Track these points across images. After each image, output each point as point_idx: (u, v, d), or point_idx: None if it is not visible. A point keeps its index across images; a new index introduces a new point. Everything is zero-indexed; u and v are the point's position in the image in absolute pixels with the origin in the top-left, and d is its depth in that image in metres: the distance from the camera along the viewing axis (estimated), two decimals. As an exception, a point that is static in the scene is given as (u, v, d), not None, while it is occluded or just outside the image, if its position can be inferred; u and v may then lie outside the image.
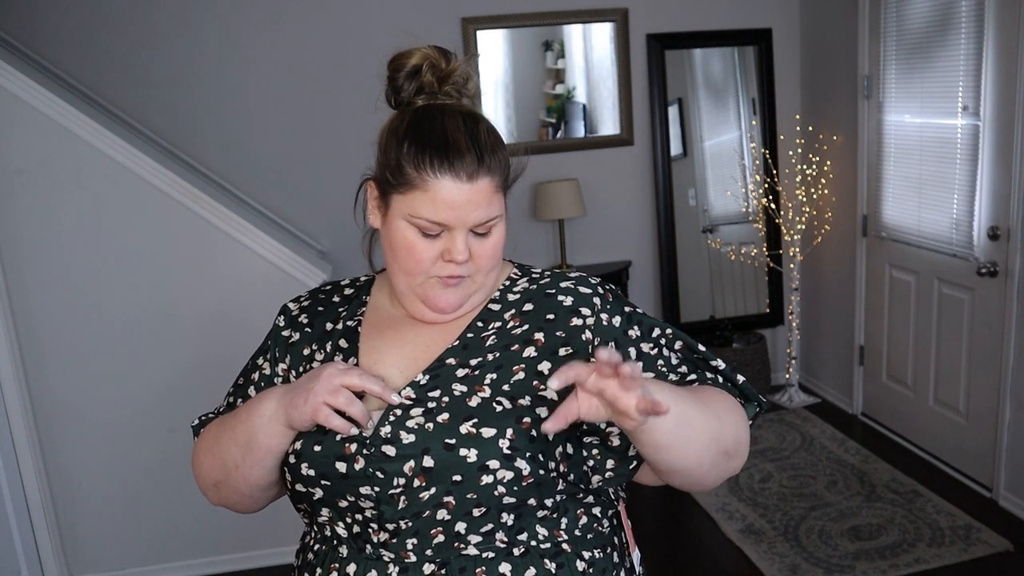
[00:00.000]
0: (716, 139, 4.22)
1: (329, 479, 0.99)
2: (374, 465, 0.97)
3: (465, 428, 0.96)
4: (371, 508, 0.98)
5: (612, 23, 3.99)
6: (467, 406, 0.98)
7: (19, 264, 2.71)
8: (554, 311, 1.05)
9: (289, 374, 1.11)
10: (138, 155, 2.72)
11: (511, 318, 1.06)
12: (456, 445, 0.95)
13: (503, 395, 0.99)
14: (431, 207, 0.99)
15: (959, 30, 3.13)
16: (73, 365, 2.81)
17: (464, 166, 0.99)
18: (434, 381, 1.01)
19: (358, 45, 3.76)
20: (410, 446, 0.96)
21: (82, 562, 2.94)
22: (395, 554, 0.98)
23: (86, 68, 3.51)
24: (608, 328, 1.03)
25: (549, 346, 1.02)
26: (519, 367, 1.01)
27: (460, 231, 1.01)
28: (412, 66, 1.05)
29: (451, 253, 1.01)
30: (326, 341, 1.10)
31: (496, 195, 1.03)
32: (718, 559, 2.94)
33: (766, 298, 4.38)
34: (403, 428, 0.97)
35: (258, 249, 2.83)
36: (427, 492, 0.95)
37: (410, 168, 1.00)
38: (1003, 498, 3.11)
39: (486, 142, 1.02)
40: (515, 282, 1.12)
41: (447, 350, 1.04)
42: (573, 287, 1.07)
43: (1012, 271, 2.97)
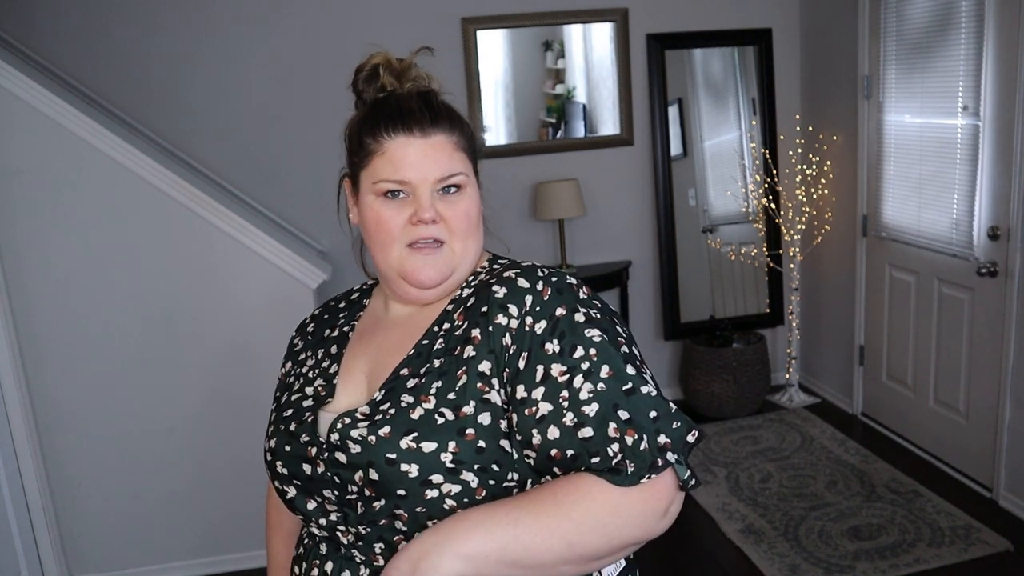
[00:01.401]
0: (716, 139, 4.22)
1: (299, 479, 1.01)
2: (331, 470, 0.98)
3: (405, 443, 0.93)
4: (336, 511, 0.99)
5: (612, 23, 3.99)
6: (409, 419, 0.94)
7: (19, 264, 2.71)
8: (487, 304, 0.99)
9: (288, 377, 1.14)
10: (138, 155, 2.72)
11: (458, 316, 1.02)
12: (397, 460, 0.92)
13: (447, 404, 0.95)
14: (391, 167, 1.00)
15: (959, 30, 3.13)
16: (73, 365, 2.81)
17: (416, 122, 1.01)
18: (388, 394, 0.99)
19: (358, 45, 3.74)
20: (357, 456, 0.95)
21: (82, 562, 2.94)
22: (365, 556, 0.99)
23: (86, 68, 3.51)
24: (528, 335, 0.95)
25: (486, 343, 0.97)
26: (462, 371, 0.96)
27: (423, 188, 1.00)
28: (370, 68, 1.07)
29: (418, 213, 1.00)
30: (320, 347, 1.13)
31: (457, 154, 1.03)
32: (718, 559, 2.93)
33: (766, 298, 4.38)
34: (349, 438, 0.96)
35: (258, 249, 2.83)
36: (379, 503, 0.95)
37: (368, 139, 1.02)
38: (1003, 498, 3.11)
39: (438, 105, 1.04)
40: (477, 276, 1.08)
41: (402, 360, 1.02)
42: (513, 278, 1.00)
43: (1012, 271, 2.97)
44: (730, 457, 3.65)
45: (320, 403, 1.04)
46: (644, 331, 4.31)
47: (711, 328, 4.21)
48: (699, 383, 4.06)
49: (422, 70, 1.09)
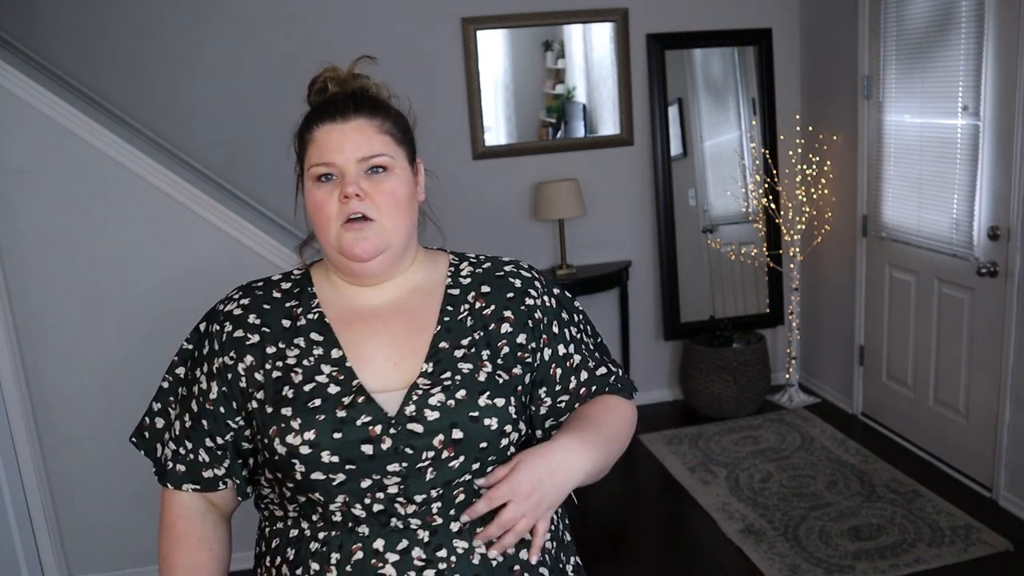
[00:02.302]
0: (716, 139, 4.22)
1: (354, 462, 1.05)
2: (401, 442, 1.05)
3: (483, 400, 1.09)
4: (396, 484, 1.06)
5: (612, 23, 3.99)
6: (478, 381, 1.10)
7: (19, 264, 2.71)
8: (511, 291, 1.20)
9: (254, 372, 1.12)
10: (138, 155, 2.72)
11: (475, 299, 1.19)
12: (480, 416, 1.08)
13: (500, 368, 1.13)
14: (318, 152, 1.12)
15: (959, 30, 3.13)
16: (73, 365, 2.81)
17: (338, 110, 1.13)
18: (439, 366, 1.11)
19: (358, 45, 3.75)
20: (436, 422, 1.06)
21: (82, 562, 2.94)
22: (422, 520, 1.07)
23: (86, 68, 3.51)
24: (549, 308, 1.22)
25: (519, 319, 1.18)
26: (503, 342, 1.15)
27: (348, 167, 1.11)
28: (318, 84, 1.20)
29: (344, 189, 1.10)
30: (294, 337, 1.14)
31: (379, 136, 1.13)
32: (718, 559, 2.94)
33: (766, 298, 4.38)
34: (426, 407, 1.07)
35: (259, 249, 2.83)
36: (456, 461, 1.07)
37: (304, 133, 1.15)
38: (1003, 498, 3.11)
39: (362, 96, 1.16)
40: (458, 268, 1.23)
41: (435, 336, 1.14)
42: (516, 271, 1.23)
43: (1012, 271, 2.97)
44: (730, 457, 3.65)
45: (349, 388, 1.09)
46: (644, 331, 4.31)
47: (711, 328, 4.21)
48: (699, 383, 4.06)
49: (371, 79, 1.21)
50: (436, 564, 1.06)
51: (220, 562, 1.19)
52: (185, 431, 1.15)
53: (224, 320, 1.17)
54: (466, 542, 1.08)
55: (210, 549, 1.17)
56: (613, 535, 3.14)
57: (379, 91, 1.21)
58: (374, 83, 1.21)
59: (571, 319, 1.24)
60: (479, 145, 3.97)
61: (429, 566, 1.06)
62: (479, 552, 1.08)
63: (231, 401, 1.13)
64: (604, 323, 4.25)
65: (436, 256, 1.25)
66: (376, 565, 1.06)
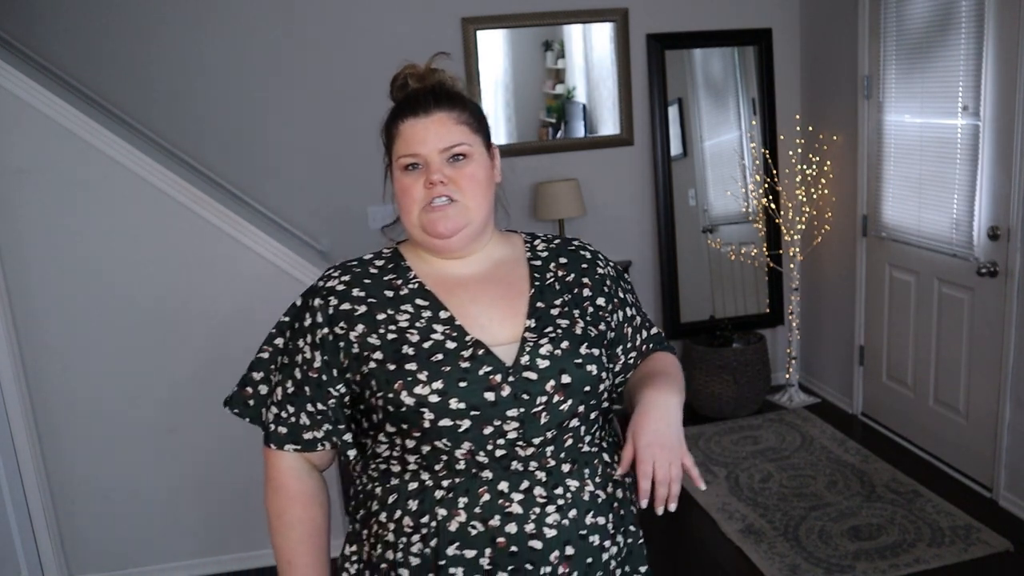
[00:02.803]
0: (716, 139, 4.22)
1: (478, 408, 1.16)
2: (519, 389, 1.18)
3: (583, 350, 1.23)
4: (515, 429, 1.18)
5: (612, 23, 3.99)
6: (576, 334, 1.25)
7: (19, 264, 2.71)
8: (584, 262, 1.37)
9: (367, 338, 1.22)
10: (138, 155, 2.72)
11: (556, 268, 1.34)
12: (583, 363, 1.22)
13: (590, 324, 1.29)
14: (404, 144, 1.24)
15: (959, 30, 3.13)
16: (73, 365, 2.81)
17: (421, 105, 1.24)
18: (540, 322, 1.26)
19: (359, 45, 3.76)
20: (547, 369, 1.20)
21: (82, 562, 2.94)
22: (539, 462, 1.20)
23: (86, 68, 3.51)
24: (614, 277, 1.39)
25: (597, 285, 1.35)
26: (587, 303, 1.32)
27: (432, 157, 1.23)
28: (400, 81, 1.31)
29: (429, 176, 1.23)
30: (400, 304, 1.25)
31: (458, 127, 1.25)
32: (718, 559, 2.93)
33: (766, 298, 4.38)
34: (538, 356, 1.21)
35: (258, 249, 2.83)
36: (565, 404, 1.20)
37: (391, 128, 1.27)
38: (1003, 498, 3.11)
39: (441, 90, 1.27)
40: (533, 245, 1.39)
41: (531, 296, 1.29)
42: (582, 246, 1.40)
43: (1012, 271, 2.97)
44: (730, 457, 3.65)
45: (464, 343, 1.20)
46: (644, 331, 4.31)
47: (711, 328, 4.21)
48: (699, 383, 4.06)
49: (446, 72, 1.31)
50: (555, 500, 1.19)
51: (326, 514, 1.31)
52: (287, 396, 1.25)
53: (328, 295, 1.26)
54: (576, 481, 1.22)
55: (320, 504, 1.30)
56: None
57: (454, 84, 1.31)
58: (449, 76, 1.31)
59: (627, 287, 1.42)
60: (479, 145, 3.97)
61: (549, 503, 1.19)
62: (588, 490, 1.23)
63: (333, 369, 1.23)
64: (604, 323, 4.25)
65: (509, 235, 1.39)
66: (503, 504, 1.18)
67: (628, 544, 1.29)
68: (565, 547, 1.19)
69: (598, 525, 1.23)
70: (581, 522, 1.21)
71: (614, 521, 1.25)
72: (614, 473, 1.27)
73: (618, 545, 1.26)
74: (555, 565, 1.19)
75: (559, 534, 1.19)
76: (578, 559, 1.20)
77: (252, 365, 1.32)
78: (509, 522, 1.17)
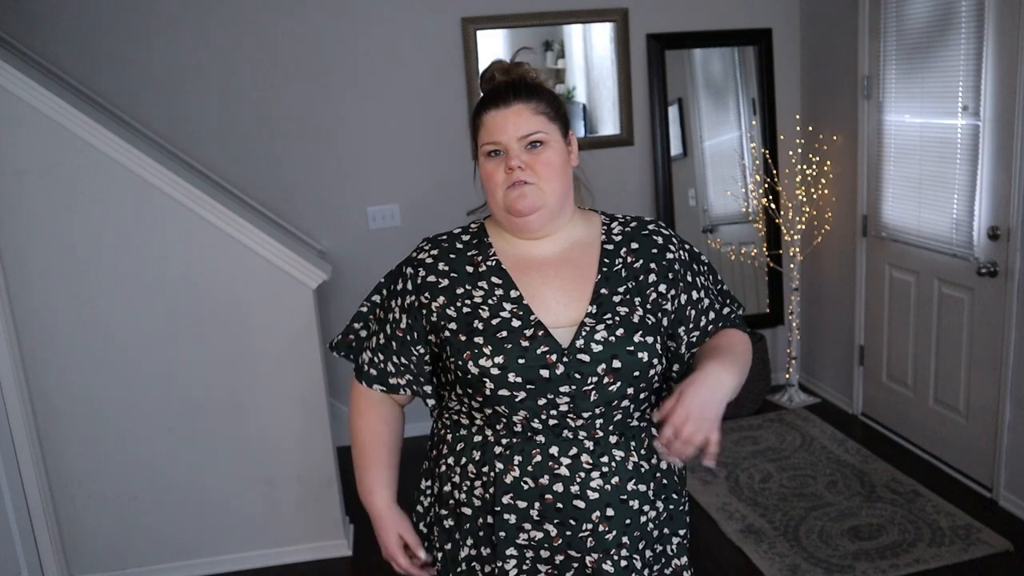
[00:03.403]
0: (716, 139, 4.22)
1: (534, 383, 1.30)
2: (572, 369, 1.30)
3: (637, 338, 1.33)
4: (567, 403, 1.31)
5: (612, 23, 3.99)
6: (633, 322, 1.34)
7: (19, 264, 2.71)
8: (655, 247, 1.43)
9: (446, 308, 1.38)
10: (138, 155, 2.72)
11: (626, 254, 1.42)
12: (635, 350, 1.32)
13: (649, 312, 1.37)
14: (487, 133, 1.36)
15: (959, 30, 3.13)
16: (73, 365, 2.81)
17: (501, 97, 1.36)
18: (601, 308, 1.35)
19: (359, 45, 3.76)
20: (600, 353, 1.31)
21: (82, 562, 2.94)
22: (588, 432, 1.33)
23: (86, 68, 3.51)
24: (685, 261, 1.45)
25: (662, 272, 1.42)
26: (650, 290, 1.39)
27: (512, 144, 1.34)
28: (488, 74, 1.43)
29: (509, 162, 1.34)
30: (477, 280, 1.39)
31: (535, 117, 1.35)
32: (718, 559, 2.93)
33: (766, 298, 4.38)
34: (592, 341, 1.31)
35: (258, 249, 2.83)
36: (614, 386, 1.32)
37: (476, 119, 1.39)
38: (1003, 498, 3.11)
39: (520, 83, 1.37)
40: (610, 227, 1.46)
41: (596, 283, 1.38)
42: (657, 230, 1.46)
43: (1012, 271, 2.97)
44: (730, 457, 3.65)
45: (528, 323, 1.33)
46: (644, 331, 4.31)
47: (711, 328, 4.21)
48: (699, 383, 4.05)
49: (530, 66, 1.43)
50: (600, 467, 1.34)
51: (394, 434, 1.51)
52: (379, 346, 1.45)
53: (418, 266, 1.42)
54: (622, 451, 1.36)
55: (386, 423, 1.49)
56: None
57: (536, 77, 1.42)
58: (532, 69, 1.43)
59: (699, 269, 1.48)
60: (479, 145, 3.97)
61: (594, 469, 1.33)
62: (631, 461, 1.36)
63: (415, 332, 1.41)
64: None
65: (589, 215, 1.48)
66: (552, 467, 1.33)
67: (669, 510, 1.44)
68: (606, 509, 1.34)
69: (639, 492, 1.37)
70: (623, 488, 1.35)
71: (655, 488, 1.40)
72: None
73: (657, 510, 1.41)
74: (596, 523, 1.34)
75: (601, 497, 1.33)
76: (617, 520, 1.34)
77: (354, 317, 1.51)
78: (557, 482, 1.33)
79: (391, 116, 3.84)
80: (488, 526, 1.38)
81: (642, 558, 1.39)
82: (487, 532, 1.39)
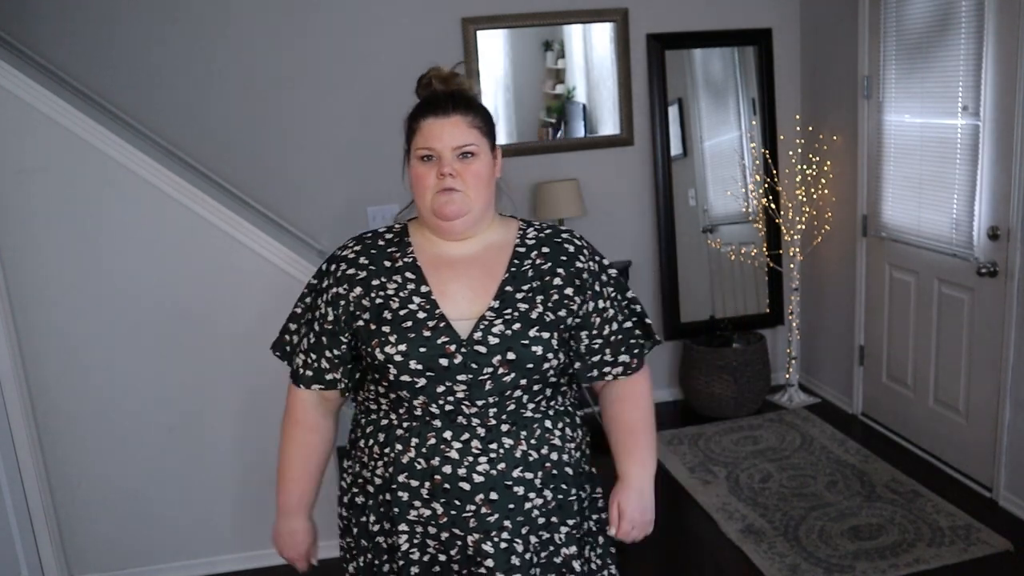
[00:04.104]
0: (716, 139, 4.22)
1: (434, 371, 1.40)
2: (469, 359, 1.40)
3: (533, 332, 1.43)
4: (463, 391, 1.41)
5: (612, 23, 3.99)
6: (531, 318, 1.45)
7: (19, 264, 2.71)
8: (565, 255, 1.53)
9: (362, 300, 1.48)
10: (138, 155, 2.72)
11: (536, 257, 1.52)
12: (529, 344, 1.42)
13: (549, 310, 1.47)
14: (423, 138, 1.44)
15: (959, 30, 3.13)
16: (73, 365, 2.81)
17: (441, 107, 1.45)
18: (503, 304, 1.46)
19: (359, 45, 3.76)
20: (496, 345, 1.41)
21: (82, 562, 2.94)
22: (481, 420, 1.44)
23: (86, 68, 3.51)
24: (593, 271, 1.54)
25: (570, 277, 1.51)
26: (554, 291, 1.49)
27: (445, 152, 1.43)
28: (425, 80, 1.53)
29: (440, 169, 1.43)
30: (393, 274, 1.49)
31: (470, 130, 1.45)
32: (718, 559, 2.93)
33: (766, 298, 4.38)
34: (490, 333, 1.42)
35: (258, 249, 2.83)
36: (508, 376, 1.42)
37: (412, 123, 1.47)
38: (1003, 498, 3.11)
39: (459, 96, 1.47)
40: (526, 232, 1.56)
41: (503, 281, 1.48)
42: (570, 239, 1.56)
43: (1012, 271, 2.97)
44: (730, 457, 3.65)
45: (433, 315, 1.43)
46: (644, 331, 4.31)
47: (711, 328, 4.21)
48: (699, 383, 4.06)
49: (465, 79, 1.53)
50: (488, 453, 1.44)
51: (325, 443, 1.62)
52: (311, 346, 1.53)
53: (340, 262, 1.52)
54: (512, 440, 1.45)
55: (318, 432, 1.59)
56: (613, 535, 3.14)
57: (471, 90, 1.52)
58: (468, 82, 1.53)
59: (606, 280, 1.57)
60: (479, 145, 3.97)
61: (483, 454, 1.44)
62: (520, 449, 1.46)
63: (340, 323, 1.49)
64: (604, 323, 4.24)
65: (508, 221, 1.58)
66: (444, 449, 1.43)
67: (558, 500, 1.52)
68: (490, 492, 1.44)
69: (525, 479, 1.46)
70: (508, 474, 1.45)
71: (543, 478, 1.48)
72: (552, 438, 1.50)
73: (544, 499, 1.49)
74: (479, 505, 1.44)
75: (486, 481, 1.44)
76: (500, 504, 1.44)
77: (290, 317, 1.60)
78: (446, 464, 1.44)
79: (391, 116, 3.83)
80: (387, 502, 1.49)
81: (525, 543, 1.47)
82: (386, 508, 1.50)
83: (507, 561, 1.45)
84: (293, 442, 1.60)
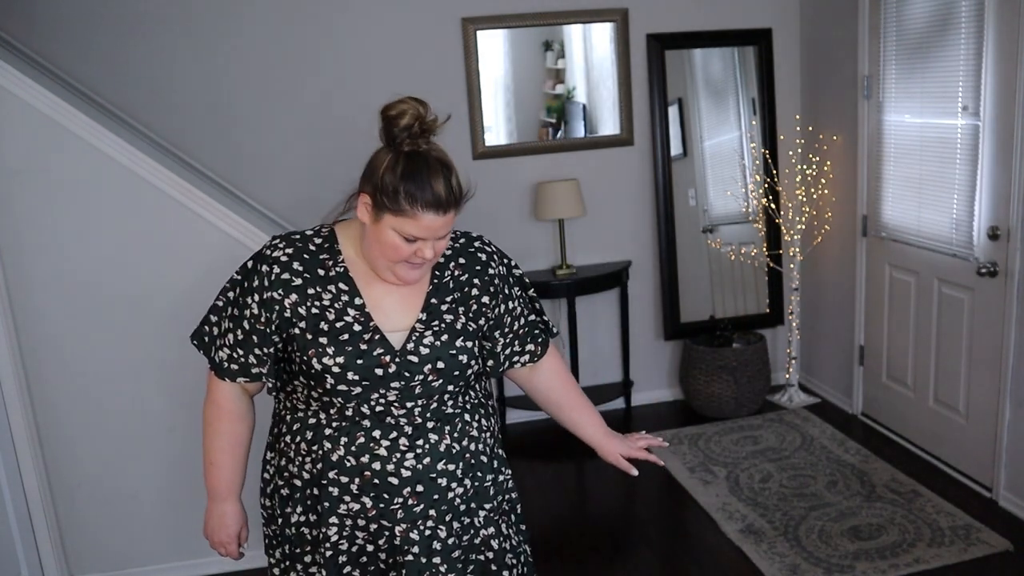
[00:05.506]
0: (716, 139, 4.22)
1: (369, 380, 1.49)
2: (403, 368, 1.51)
3: (459, 343, 1.56)
4: (395, 395, 1.51)
5: (612, 23, 3.99)
6: (456, 328, 1.57)
7: (19, 264, 2.71)
8: (479, 263, 1.65)
9: (298, 307, 1.52)
10: (138, 155, 2.72)
11: (455, 268, 1.63)
12: (456, 354, 1.55)
13: (470, 320, 1.60)
14: (416, 228, 1.47)
15: (959, 30, 3.13)
16: (73, 365, 2.81)
17: (443, 207, 1.47)
18: (430, 315, 1.57)
19: (358, 44, 3.76)
20: (427, 355, 1.53)
21: (82, 562, 2.94)
22: (408, 419, 1.54)
23: (85, 67, 3.51)
24: (504, 276, 1.68)
25: (485, 285, 1.64)
26: (473, 301, 1.62)
27: (431, 241, 1.50)
28: (405, 123, 1.46)
29: (422, 254, 1.49)
30: (327, 284, 1.54)
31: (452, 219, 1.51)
32: (718, 559, 2.93)
33: (766, 298, 4.38)
34: (421, 344, 1.53)
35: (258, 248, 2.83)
36: (437, 382, 1.54)
37: (407, 205, 1.45)
38: (1003, 498, 3.11)
39: (456, 190, 1.50)
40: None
41: (428, 293, 1.59)
42: (482, 247, 1.68)
43: (1012, 271, 2.97)
44: (730, 457, 3.65)
45: (367, 327, 1.51)
46: (644, 331, 4.31)
47: (711, 328, 4.21)
48: (699, 383, 4.06)
49: (436, 119, 1.50)
50: (415, 449, 1.54)
51: (249, 429, 1.67)
52: (238, 341, 1.56)
53: (273, 263, 1.54)
54: (436, 435, 1.56)
55: (242, 420, 1.65)
56: (613, 534, 3.14)
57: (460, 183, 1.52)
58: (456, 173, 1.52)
59: (514, 281, 1.71)
60: (479, 145, 3.97)
61: (410, 451, 1.54)
62: (444, 443, 1.57)
63: (272, 325, 1.53)
64: (604, 323, 4.25)
65: None
66: (373, 447, 1.53)
67: (475, 487, 1.64)
68: (417, 485, 1.55)
69: (448, 471, 1.57)
70: (433, 468, 1.56)
71: (463, 468, 1.60)
72: (471, 430, 1.62)
73: (464, 487, 1.61)
74: (407, 497, 1.55)
75: (413, 475, 1.54)
76: (426, 495, 1.56)
77: (211, 310, 1.61)
78: (375, 461, 1.53)
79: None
80: (315, 496, 1.57)
81: (448, 529, 1.59)
82: (314, 502, 1.57)
83: (430, 547, 1.57)
84: (218, 431, 1.64)
